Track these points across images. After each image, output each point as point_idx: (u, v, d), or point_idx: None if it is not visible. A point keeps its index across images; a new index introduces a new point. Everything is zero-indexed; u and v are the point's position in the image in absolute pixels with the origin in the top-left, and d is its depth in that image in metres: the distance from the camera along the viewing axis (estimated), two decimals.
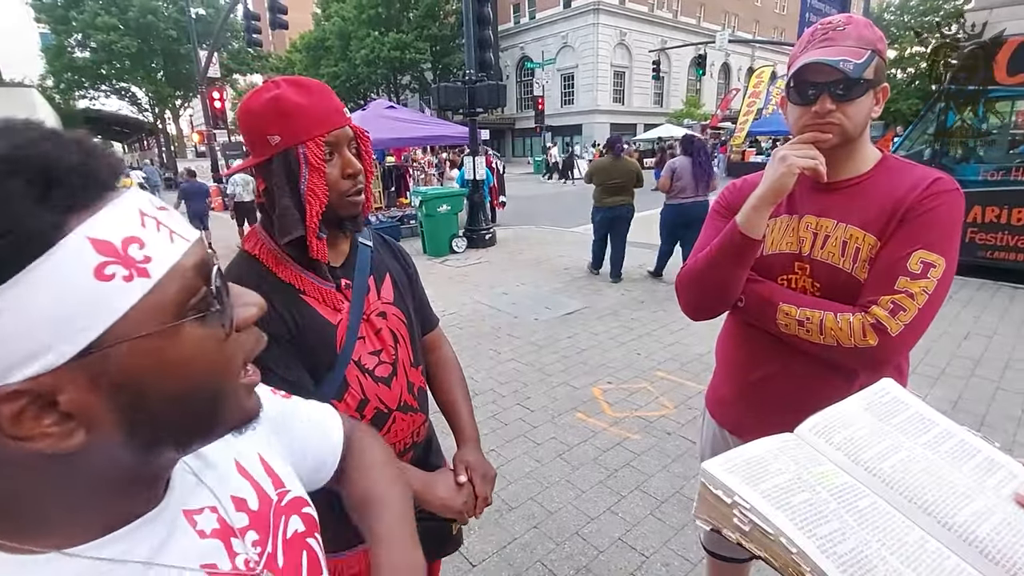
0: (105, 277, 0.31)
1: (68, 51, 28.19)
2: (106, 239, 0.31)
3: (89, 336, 0.30)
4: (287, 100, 0.85)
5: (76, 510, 0.36)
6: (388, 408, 1.00)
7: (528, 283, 6.22)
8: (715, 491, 0.47)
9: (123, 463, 0.36)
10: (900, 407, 0.59)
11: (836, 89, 1.00)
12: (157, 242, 0.34)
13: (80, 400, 0.31)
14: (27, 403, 0.30)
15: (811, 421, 0.58)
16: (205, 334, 0.36)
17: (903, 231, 1.00)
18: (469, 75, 7.91)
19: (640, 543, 2.16)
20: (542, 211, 12.63)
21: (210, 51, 15.53)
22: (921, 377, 3.46)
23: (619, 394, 3.46)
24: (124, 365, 0.32)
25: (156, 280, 0.33)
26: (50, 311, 0.29)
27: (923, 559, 0.42)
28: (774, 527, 0.43)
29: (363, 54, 29.88)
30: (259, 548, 0.47)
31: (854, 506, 0.46)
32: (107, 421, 0.33)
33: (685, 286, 1.21)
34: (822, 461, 0.52)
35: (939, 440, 0.53)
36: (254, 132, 0.88)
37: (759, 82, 16.91)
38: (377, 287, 1.04)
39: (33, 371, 0.29)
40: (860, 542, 0.43)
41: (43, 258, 0.29)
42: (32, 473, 0.33)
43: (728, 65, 38.26)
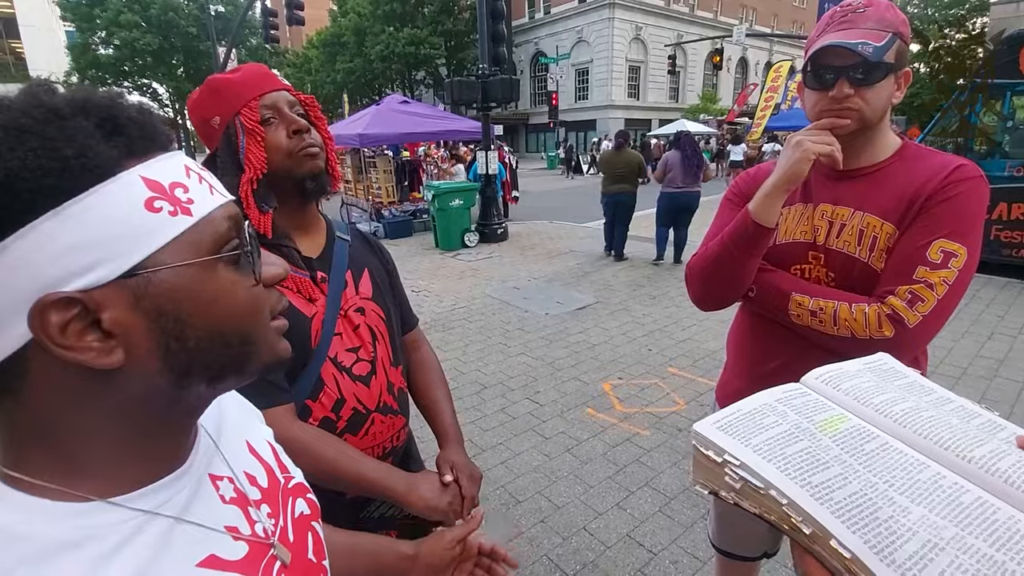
0: (154, 209, 0.35)
1: (92, 48, 28.78)
2: (156, 179, 0.36)
3: (135, 258, 0.34)
4: (217, 79, 0.88)
5: (119, 452, 0.38)
6: (367, 409, 0.95)
7: (539, 278, 6.20)
8: (706, 452, 0.46)
9: (158, 392, 0.37)
10: (899, 375, 0.57)
11: (855, 73, 0.96)
12: (199, 191, 0.38)
13: (122, 319, 0.34)
14: (76, 315, 0.32)
15: (817, 371, 0.57)
16: (236, 277, 0.40)
17: (923, 219, 0.96)
18: (483, 70, 7.89)
19: (648, 540, 2.13)
20: (554, 206, 12.58)
21: (228, 47, 15.69)
22: (942, 377, 3.37)
23: (629, 390, 3.42)
24: (164, 290, 0.35)
25: (197, 219, 0.37)
26: (105, 230, 0.33)
27: (936, 495, 0.40)
28: (763, 480, 0.42)
29: (378, 50, 29.99)
30: (272, 520, 0.48)
31: (860, 449, 0.45)
32: (145, 345, 0.35)
33: (695, 275, 1.18)
34: (827, 407, 0.50)
35: (941, 402, 0.52)
36: (200, 126, 0.90)
37: (777, 76, 16.60)
38: (355, 282, 0.99)
39: (85, 283, 0.32)
40: (864, 484, 0.41)
41: (105, 183, 0.33)
42: (73, 399, 0.35)
43: (746, 60, 37.64)
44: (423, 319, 1.09)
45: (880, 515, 0.38)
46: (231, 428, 0.51)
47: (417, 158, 11.44)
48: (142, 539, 0.37)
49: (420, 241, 8.66)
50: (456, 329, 4.61)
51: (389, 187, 9.68)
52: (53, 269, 0.31)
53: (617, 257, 6.81)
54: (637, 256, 6.90)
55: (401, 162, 10.49)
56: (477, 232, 8.25)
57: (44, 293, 0.31)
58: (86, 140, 0.33)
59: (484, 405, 3.28)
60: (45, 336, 0.32)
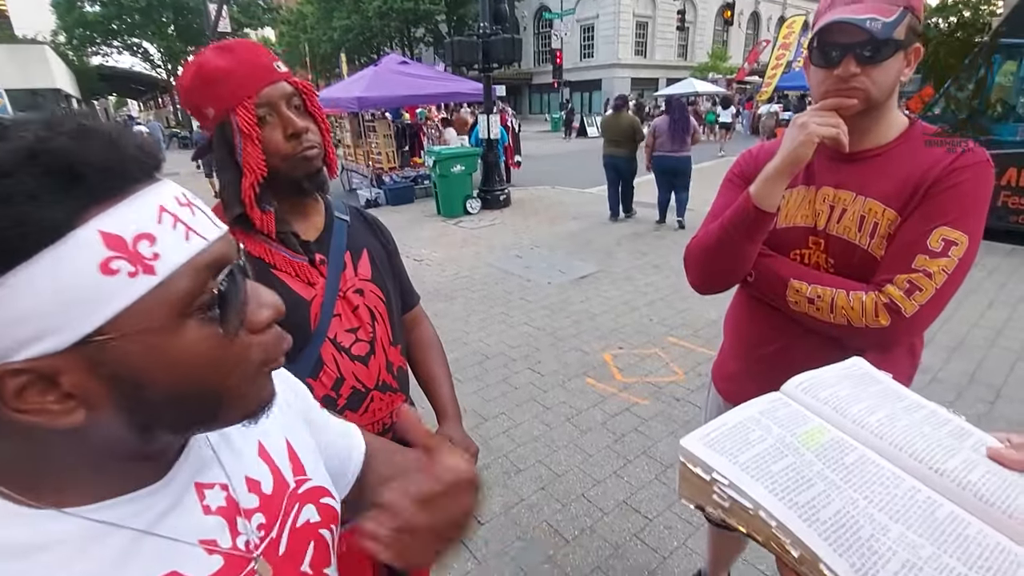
0: (110, 271, 0.32)
1: (78, 5, 27.76)
2: (118, 233, 0.33)
3: (88, 326, 0.32)
4: (208, 66, 0.82)
5: (77, 474, 0.37)
6: (365, 387, 0.99)
7: (542, 246, 6.18)
8: (694, 469, 0.46)
9: (121, 440, 0.37)
10: (872, 381, 0.58)
11: (862, 51, 0.93)
12: (170, 240, 0.35)
13: (80, 383, 0.33)
14: (29, 380, 0.32)
15: (797, 379, 0.58)
16: (209, 333, 0.37)
17: (926, 206, 0.95)
18: (484, 28, 7.62)
19: (644, 506, 2.21)
20: (558, 170, 12.39)
21: (220, 4, 15.10)
22: (939, 347, 3.40)
23: (630, 359, 3.47)
24: (122, 356, 0.33)
25: (161, 278, 0.34)
26: (55, 299, 0.31)
27: (913, 511, 0.41)
28: (752, 500, 0.42)
29: (376, 5, 28.87)
30: (263, 532, 0.47)
31: (840, 462, 0.46)
32: (106, 404, 0.34)
33: (694, 258, 1.18)
34: (808, 419, 0.51)
35: (913, 408, 0.53)
36: (194, 110, 0.86)
37: (789, 33, 15.99)
38: (354, 263, 1.01)
39: (35, 352, 0.31)
40: (846, 502, 0.42)
41: (52, 248, 0.31)
42: (36, 439, 0.35)
43: (758, 14, 36.19)
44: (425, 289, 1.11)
45: (862, 534, 0.40)
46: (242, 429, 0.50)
47: (417, 122, 11.20)
48: (96, 551, 0.37)
49: (422, 208, 8.59)
50: (458, 299, 4.63)
51: (390, 152, 9.52)
52: (1, 340, 0.31)
53: (626, 213, 7.16)
54: (641, 215, 7.22)
55: (401, 126, 10.27)
56: (479, 198, 8.16)
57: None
58: (26, 203, 0.30)
59: (486, 375, 3.33)
60: (1, 402, 0.32)
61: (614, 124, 6.78)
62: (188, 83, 0.84)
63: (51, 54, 20.77)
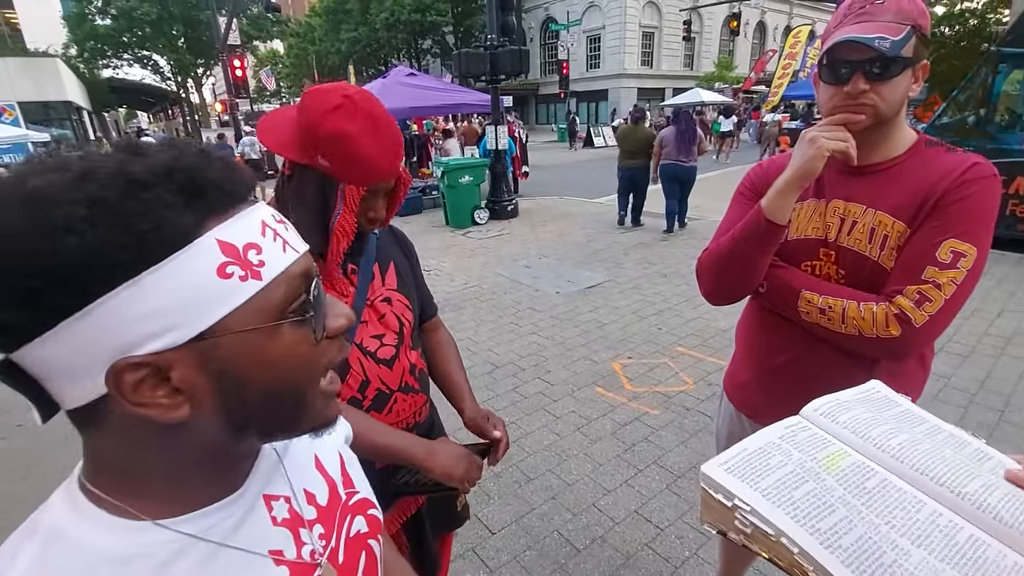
0: (226, 275, 0.36)
1: (89, 18, 28.19)
2: (231, 242, 0.37)
3: (204, 324, 0.36)
4: (356, 146, 0.85)
5: (169, 486, 0.41)
6: (390, 389, 1.04)
7: (550, 256, 6.21)
8: (715, 495, 0.47)
9: (216, 440, 0.40)
10: (891, 404, 0.59)
11: (871, 68, 0.95)
12: (272, 250, 0.39)
13: (189, 378, 0.36)
14: (147, 374, 0.35)
15: (816, 403, 0.58)
16: (300, 337, 0.41)
17: (935, 219, 0.97)
18: (491, 40, 7.71)
19: (656, 516, 2.21)
20: (565, 181, 12.45)
21: (229, 16, 15.38)
22: (949, 355, 3.39)
23: (639, 369, 3.48)
24: (229, 354, 0.37)
25: (265, 283, 0.38)
26: (178, 298, 0.34)
27: (934, 535, 0.42)
28: (775, 528, 0.43)
29: (383, 17, 29.25)
30: (323, 541, 0.50)
31: (862, 487, 0.46)
32: (208, 401, 0.38)
33: (706, 270, 1.20)
34: (829, 443, 0.52)
35: (933, 431, 0.54)
36: (309, 137, 0.86)
37: (796, 42, 16.03)
38: (382, 274, 1.07)
39: (156, 347, 0.35)
40: (868, 528, 0.43)
41: (181, 252, 0.34)
42: (143, 438, 0.38)
43: (764, 24, 36.33)
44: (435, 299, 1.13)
45: (884, 560, 0.40)
46: (302, 441, 0.53)
47: (425, 133, 11.32)
48: (182, 563, 0.39)
49: (430, 218, 8.65)
50: (468, 309, 4.66)
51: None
52: (128, 334, 0.34)
53: (634, 223, 7.41)
54: (649, 225, 7.32)
55: (409, 137, 10.38)
56: (487, 209, 8.21)
57: (120, 356, 0.34)
58: (163, 212, 0.34)
59: (496, 385, 3.35)
60: (119, 394, 0.35)
61: (631, 136, 6.99)
62: (327, 133, 0.84)
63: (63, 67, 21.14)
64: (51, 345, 0.33)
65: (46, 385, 0.35)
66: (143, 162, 0.35)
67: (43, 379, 0.35)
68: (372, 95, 0.89)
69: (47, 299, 0.32)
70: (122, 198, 0.33)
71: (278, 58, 44.96)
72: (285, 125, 0.91)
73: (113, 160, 0.35)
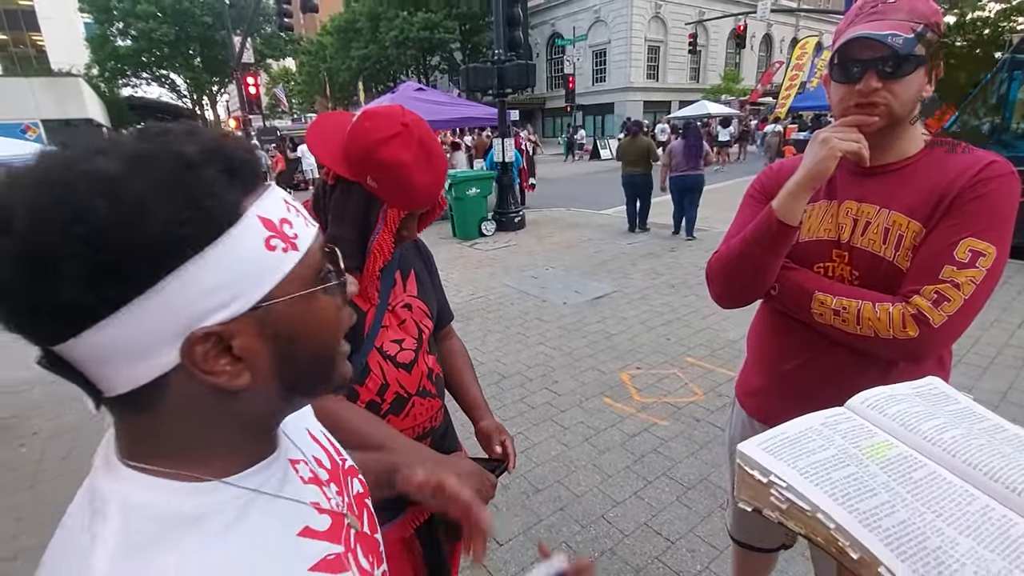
0: (271, 248, 0.39)
1: (111, 39, 29.10)
2: (269, 217, 0.39)
3: (260, 293, 0.38)
4: (409, 175, 0.88)
5: (231, 445, 0.43)
6: (408, 393, 1.04)
7: (557, 266, 6.19)
8: (751, 471, 0.47)
9: (268, 403, 0.44)
10: (950, 400, 0.57)
11: (883, 66, 0.94)
12: (299, 223, 0.42)
13: (249, 345, 0.39)
14: (213, 344, 0.37)
15: (863, 395, 0.57)
16: (329, 302, 0.45)
17: (952, 217, 0.95)
18: (498, 55, 7.80)
19: (666, 528, 2.16)
20: (572, 193, 12.48)
21: (244, 36, 15.74)
22: (969, 366, 3.31)
23: (648, 379, 3.43)
24: (279, 320, 0.40)
25: (302, 253, 0.41)
26: (237, 270, 0.37)
27: (985, 527, 0.40)
28: (810, 503, 0.42)
29: (392, 35, 29.79)
30: (339, 498, 0.54)
31: (908, 477, 0.45)
32: (264, 365, 0.41)
33: (716, 272, 1.18)
34: (874, 433, 0.51)
35: (994, 430, 0.52)
36: (362, 159, 0.87)
37: (803, 54, 16.07)
38: (403, 281, 1.08)
39: (222, 317, 0.37)
40: (912, 514, 0.41)
41: (234, 227, 0.37)
42: (202, 409, 0.40)
43: (770, 36, 36.49)
44: None
45: (928, 545, 0.39)
46: (294, 418, 0.55)
47: None
48: (252, 513, 0.42)
49: (437, 230, 8.69)
50: (475, 319, 4.64)
51: None
52: (197, 307, 0.36)
53: (640, 228, 7.76)
54: (656, 232, 7.48)
55: None
56: (494, 221, 8.24)
57: (192, 328, 0.36)
58: (216, 188, 0.36)
59: (503, 395, 3.32)
60: (192, 364, 0.37)
61: (632, 147, 7.50)
62: (384, 159, 0.86)
63: (84, 86, 21.75)
64: (115, 327, 0.34)
65: (92, 371, 0.37)
66: (191, 144, 0.37)
67: (95, 364, 0.36)
68: (425, 123, 0.91)
69: (125, 275, 0.33)
70: (183, 177, 0.35)
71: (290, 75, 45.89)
72: (335, 135, 0.92)
73: (165, 142, 0.36)
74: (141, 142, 0.36)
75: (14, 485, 2.72)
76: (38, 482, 2.72)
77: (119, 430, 0.41)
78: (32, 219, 0.32)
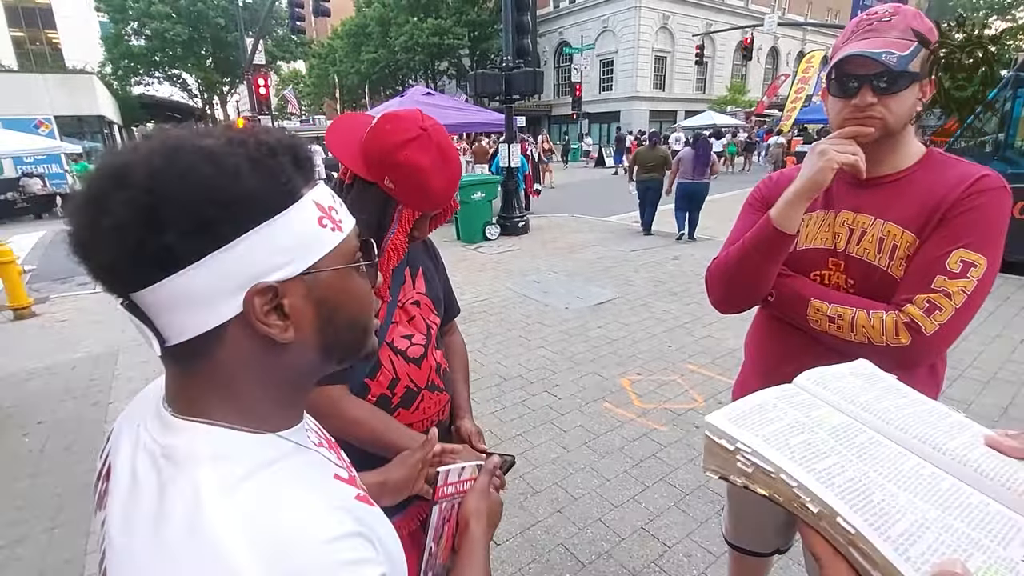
0: (322, 225, 0.47)
1: (125, 39, 29.45)
2: (321, 202, 0.48)
3: (310, 260, 0.46)
4: (426, 178, 0.91)
5: (277, 401, 0.49)
6: (417, 387, 1.07)
7: (560, 271, 6.22)
8: (719, 441, 0.52)
9: (308, 362, 0.50)
10: (878, 379, 0.64)
11: (878, 82, 0.97)
12: (342, 212, 0.51)
13: (297, 305, 0.46)
14: (269, 299, 0.44)
15: (808, 373, 0.63)
16: (363, 281, 0.52)
17: (944, 229, 0.98)
18: (507, 62, 7.88)
19: (663, 533, 2.17)
20: (576, 199, 12.53)
21: (256, 38, 15.91)
22: (970, 381, 3.32)
23: (648, 385, 3.45)
24: (325, 286, 0.47)
25: (344, 234, 0.49)
26: (296, 239, 0.45)
27: (918, 482, 0.46)
28: (774, 465, 0.47)
29: (402, 40, 30.04)
30: (340, 462, 0.59)
31: (852, 441, 0.50)
32: (309, 326, 0.47)
33: (715, 279, 1.21)
34: (819, 405, 0.56)
35: (917, 402, 0.58)
36: (381, 160, 0.90)
37: (809, 67, 16.16)
38: (412, 278, 1.11)
39: (280, 276, 0.44)
40: (858, 472, 0.46)
41: (297, 203, 0.45)
42: (252, 361, 0.46)
43: (777, 49, 36.63)
44: None
45: (874, 498, 0.44)
46: None
47: None
48: (304, 459, 0.49)
49: (442, 233, 8.74)
50: (477, 322, 4.67)
51: None
52: (263, 264, 0.43)
53: (645, 231, 8.35)
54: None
55: None
56: (498, 225, 8.29)
57: (256, 281, 0.43)
58: (289, 171, 0.45)
59: (503, 397, 3.34)
60: (251, 313, 0.43)
61: (650, 155, 8.11)
62: (404, 161, 0.89)
63: (98, 83, 21.99)
64: (194, 275, 0.41)
65: (163, 319, 0.43)
66: (271, 137, 0.46)
67: (166, 311, 0.42)
68: (442, 127, 0.94)
69: (217, 227, 0.41)
70: (267, 157, 0.44)
71: (300, 77, 46.24)
72: (354, 136, 0.95)
73: (246, 133, 0.45)
74: (233, 132, 0.45)
75: (16, 472, 2.76)
76: (40, 471, 2.76)
77: (177, 385, 0.47)
78: (149, 175, 0.39)
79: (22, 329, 5.02)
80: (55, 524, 2.36)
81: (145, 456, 0.44)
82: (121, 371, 3.96)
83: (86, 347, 4.47)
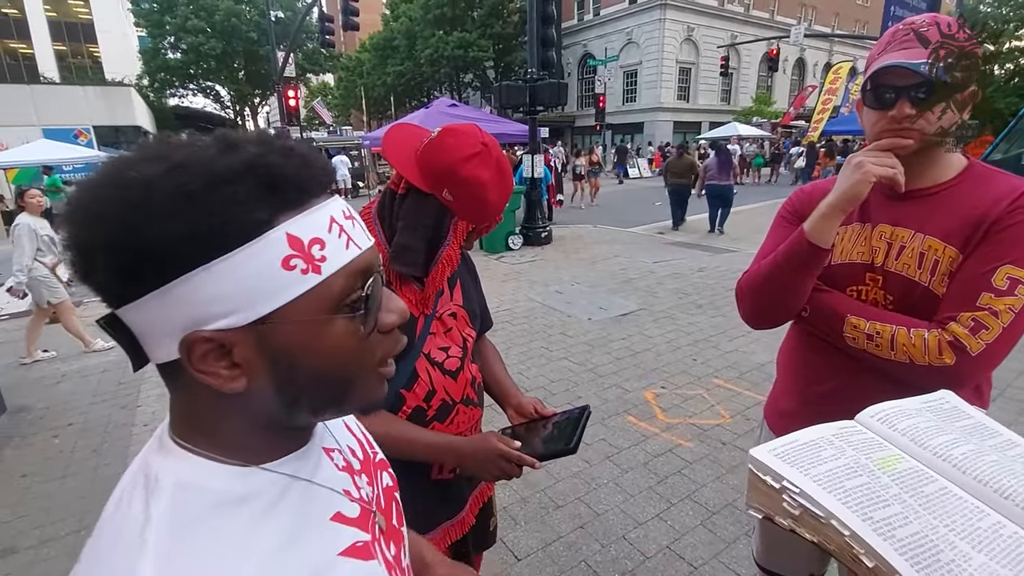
0: (289, 267, 0.39)
1: (162, 52, 30.71)
2: (299, 236, 0.39)
3: (264, 310, 0.39)
4: (486, 193, 0.93)
5: (252, 437, 0.45)
6: (453, 400, 1.06)
7: (583, 282, 6.20)
8: (763, 477, 0.47)
9: (272, 412, 0.44)
10: (961, 415, 0.57)
11: (916, 93, 0.95)
12: (335, 246, 0.42)
13: (247, 356, 0.40)
14: (211, 348, 0.39)
15: (873, 409, 0.57)
16: (350, 329, 0.43)
17: (988, 244, 0.94)
18: (531, 73, 7.95)
19: (689, 553, 2.12)
20: (600, 210, 12.48)
21: (287, 52, 16.38)
22: (1011, 402, 3.17)
23: (672, 399, 3.39)
24: (284, 339, 0.40)
25: (324, 277, 0.41)
26: (244, 285, 0.38)
27: (997, 543, 0.40)
28: (824, 510, 0.43)
29: (428, 53, 30.57)
30: (369, 488, 0.55)
31: (919, 491, 0.45)
32: (263, 378, 0.41)
33: (747, 293, 1.18)
34: (884, 446, 0.50)
35: (1006, 446, 0.51)
36: (442, 174, 0.92)
37: (836, 78, 15.89)
38: (450, 290, 1.11)
39: (221, 325, 0.38)
40: (925, 526, 0.41)
41: (251, 243, 0.38)
42: (212, 399, 0.42)
43: (803, 60, 36.11)
44: None
45: (942, 558, 0.39)
46: None
47: None
48: (289, 497, 0.44)
49: None
50: (499, 332, 4.67)
51: None
52: (199, 312, 0.38)
53: (675, 226, 9.73)
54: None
55: None
56: (521, 235, 8.31)
57: (192, 329, 0.38)
58: (239, 207, 0.37)
59: None
60: (188, 360, 0.39)
61: (678, 163, 9.63)
62: (466, 175, 0.91)
63: (135, 95, 22.95)
64: (139, 311, 0.39)
65: (140, 340, 0.41)
66: (229, 158, 0.38)
67: (137, 335, 0.41)
68: (497, 143, 0.96)
69: (136, 273, 0.37)
70: (204, 191, 0.37)
71: (328, 89, 47.40)
72: (408, 147, 0.96)
73: (205, 153, 0.38)
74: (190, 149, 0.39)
75: (46, 474, 2.84)
76: (69, 473, 2.83)
77: (171, 404, 0.45)
78: (69, 213, 0.38)
79: (57, 332, 5.21)
80: (81, 526, 2.41)
81: (138, 466, 0.44)
82: (149, 375, 4.07)
83: (117, 351, 4.60)
